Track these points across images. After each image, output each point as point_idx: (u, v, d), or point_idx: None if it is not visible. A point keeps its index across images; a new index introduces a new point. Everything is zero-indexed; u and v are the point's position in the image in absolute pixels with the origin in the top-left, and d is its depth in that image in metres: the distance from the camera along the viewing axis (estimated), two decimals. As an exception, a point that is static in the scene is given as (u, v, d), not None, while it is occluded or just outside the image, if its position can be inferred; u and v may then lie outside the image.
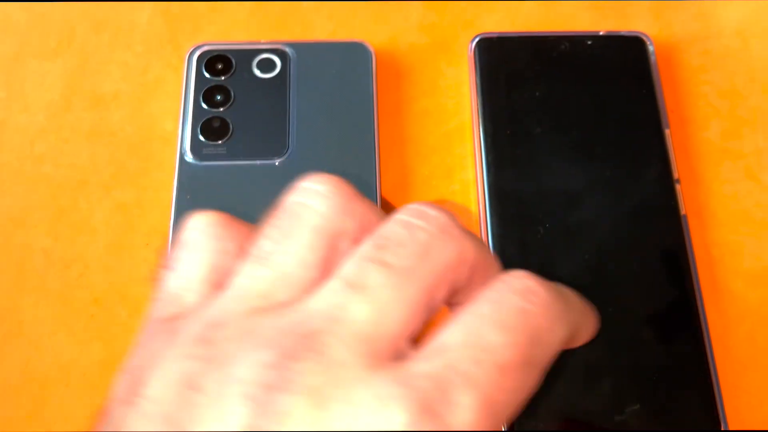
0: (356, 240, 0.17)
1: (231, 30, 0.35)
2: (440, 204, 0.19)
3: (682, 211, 0.30)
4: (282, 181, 0.31)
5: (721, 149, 0.32)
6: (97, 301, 0.30)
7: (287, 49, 0.33)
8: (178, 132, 0.31)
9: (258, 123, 0.32)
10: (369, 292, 0.16)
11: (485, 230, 0.30)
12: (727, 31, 0.35)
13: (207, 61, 0.33)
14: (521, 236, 0.30)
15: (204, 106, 0.32)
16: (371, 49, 0.33)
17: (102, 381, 0.28)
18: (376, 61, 0.33)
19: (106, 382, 0.28)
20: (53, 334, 0.29)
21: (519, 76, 0.33)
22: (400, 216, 0.17)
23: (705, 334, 0.28)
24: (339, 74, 0.33)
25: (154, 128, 0.33)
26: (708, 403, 0.27)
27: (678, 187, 0.31)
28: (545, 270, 0.29)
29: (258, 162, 0.31)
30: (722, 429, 0.27)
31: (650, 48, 0.33)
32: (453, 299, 0.18)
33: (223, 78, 0.32)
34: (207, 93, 0.32)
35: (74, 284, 0.30)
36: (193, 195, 0.30)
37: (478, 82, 0.33)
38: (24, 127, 0.33)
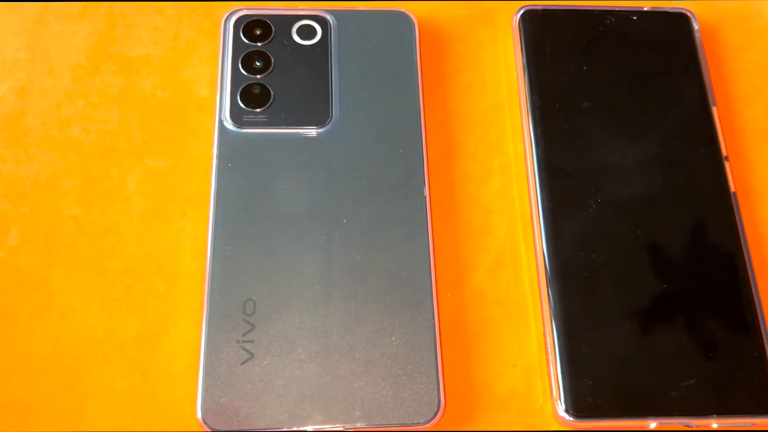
0: None
1: (265, -4, 0.34)
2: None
3: (732, 189, 0.30)
4: (325, 150, 0.30)
5: (766, 128, 0.32)
6: (132, 272, 0.28)
7: (328, 16, 0.32)
8: (216, 98, 0.30)
9: (299, 91, 0.30)
10: None
11: (536, 204, 0.29)
12: (769, 11, 0.35)
13: (245, 25, 0.31)
14: (572, 211, 0.29)
15: (243, 72, 0.31)
16: (414, 18, 0.32)
17: (139, 355, 0.27)
18: (418, 27, 0.32)
19: (143, 355, 0.27)
20: (86, 306, 0.28)
21: (565, 49, 0.32)
22: None
23: (759, 312, 0.28)
24: (381, 43, 0.32)
25: (188, 94, 0.32)
26: (764, 383, 0.27)
27: (727, 164, 0.30)
28: (595, 245, 0.28)
29: (300, 130, 0.30)
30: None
31: (695, 25, 0.33)
32: None
33: (261, 44, 0.31)
34: (246, 58, 0.31)
35: (107, 255, 0.29)
36: (234, 163, 0.29)
37: (524, 55, 0.32)
38: (49, 90, 0.31)
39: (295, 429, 0.25)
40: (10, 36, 0.32)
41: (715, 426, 0.26)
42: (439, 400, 0.26)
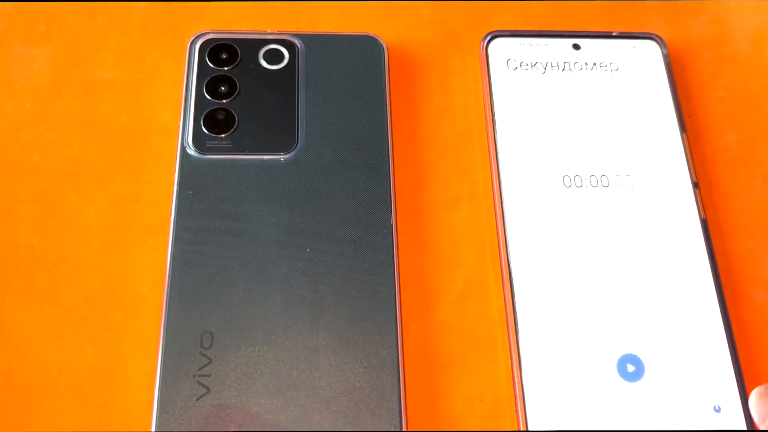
0: None
1: (233, 19, 0.33)
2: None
3: (702, 216, 0.29)
4: (289, 177, 0.29)
5: (738, 156, 0.32)
6: (89, 303, 0.27)
7: (296, 41, 0.32)
8: (179, 123, 0.30)
9: (265, 116, 0.30)
10: None
11: (503, 233, 0.28)
12: (741, 36, 0.35)
13: (210, 49, 0.31)
14: (540, 239, 0.28)
15: (207, 96, 0.30)
16: (383, 43, 0.32)
17: (93, 389, 0.26)
18: (387, 52, 0.32)
19: (97, 390, 0.26)
20: (40, 337, 0.27)
21: (533, 75, 0.32)
22: None
23: (731, 344, 0.27)
24: (350, 68, 0.31)
25: (151, 119, 0.31)
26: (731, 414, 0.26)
27: (697, 191, 0.30)
28: (565, 274, 0.28)
29: (265, 156, 0.29)
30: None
31: (664, 50, 0.33)
32: None
33: (227, 68, 0.31)
34: (210, 83, 0.30)
35: (64, 284, 0.28)
36: (195, 190, 0.28)
37: (491, 80, 0.32)
38: (9, 114, 0.31)
39: (251, 467, 0.24)
40: (-29, 58, 0.32)
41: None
42: (401, 438, 0.25)
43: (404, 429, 0.25)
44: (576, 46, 0.33)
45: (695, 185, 0.30)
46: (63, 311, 0.27)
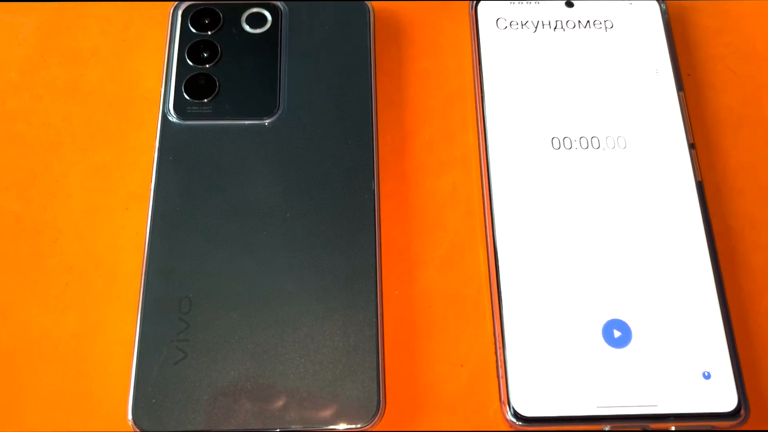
0: None
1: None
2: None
3: (698, 178, 0.28)
4: (270, 142, 0.29)
5: (740, 115, 0.31)
6: (72, 269, 0.28)
7: (279, 4, 0.31)
8: (161, 90, 0.29)
9: (246, 81, 0.29)
10: None
11: (488, 196, 0.28)
12: (746, -9, 0.33)
13: (193, 14, 0.31)
14: (528, 206, 0.28)
15: (189, 62, 0.30)
16: (370, 6, 0.31)
17: (74, 354, 0.26)
18: (375, 18, 0.31)
19: (79, 354, 0.26)
20: (24, 304, 0.27)
21: (522, 34, 0.31)
22: None
23: (724, 309, 0.26)
24: (334, 31, 0.31)
25: (135, 86, 0.31)
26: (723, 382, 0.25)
27: (693, 152, 0.29)
28: (552, 238, 0.27)
29: (246, 122, 0.29)
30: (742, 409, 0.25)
31: (662, 6, 0.31)
32: None
33: (210, 33, 0.30)
34: (192, 48, 0.30)
35: (47, 251, 0.28)
36: (177, 156, 0.28)
37: (479, 40, 0.30)
38: (-5, 83, 0.31)
39: (227, 430, 0.24)
40: (-42, 29, 0.32)
41: (673, 429, 0.25)
42: (378, 402, 0.25)
43: (382, 393, 0.25)
44: (569, 4, 0.31)
45: (692, 146, 0.29)
46: (46, 278, 0.27)
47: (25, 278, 0.27)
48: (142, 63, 0.31)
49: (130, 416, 0.24)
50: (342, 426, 0.24)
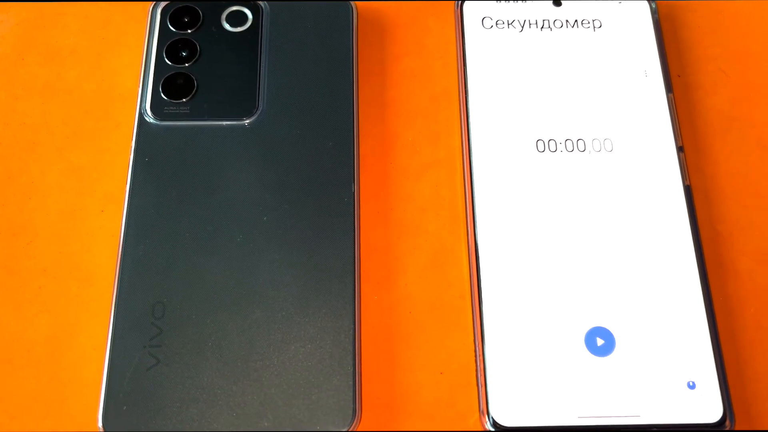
0: None
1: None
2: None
3: (686, 182, 0.28)
4: (249, 144, 0.28)
5: (730, 118, 0.30)
6: (46, 272, 0.27)
7: (261, 2, 0.30)
8: (138, 90, 0.29)
9: (225, 80, 0.29)
10: None
11: (471, 200, 0.27)
12: (739, -10, 0.32)
13: (172, 12, 0.30)
14: (511, 210, 0.27)
15: (167, 61, 0.29)
16: (353, 4, 0.30)
17: (47, 358, 0.26)
18: (358, 16, 0.30)
19: (51, 359, 0.26)
20: (-3, 306, 0.27)
21: (508, 33, 0.30)
22: None
23: (710, 317, 0.25)
24: (317, 30, 0.30)
25: (114, 86, 0.30)
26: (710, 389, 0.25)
27: (681, 155, 0.28)
28: (535, 243, 0.26)
29: (224, 122, 0.28)
30: (726, 420, 0.24)
31: (652, 5, 0.31)
32: None
33: (189, 31, 0.30)
34: (170, 47, 0.29)
35: (21, 253, 0.27)
36: (153, 157, 0.28)
37: (464, 39, 0.30)
38: (-28, 82, 0.30)
39: (199, 439, 0.24)
40: (-64, 26, 0.31)
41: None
42: (354, 408, 0.24)
43: (358, 399, 0.24)
44: (557, 2, 0.31)
45: (680, 149, 0.28)
46: (19, 280, 0.27)
47: (-2, 281, 0.27)
48: (120, 62, 0.31)
49: (99, 423, 0.24)
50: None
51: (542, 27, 0.30)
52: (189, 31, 0.30)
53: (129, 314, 0.25)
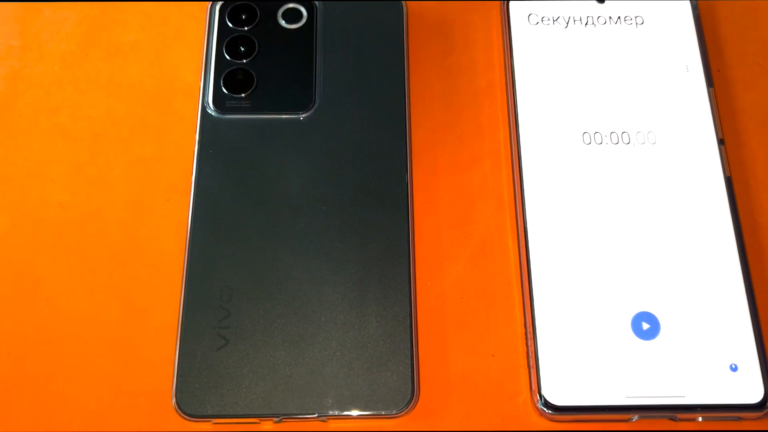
0: None
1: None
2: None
3: (727, 173, 0.29)
4: (307, 136, 0.30)
5: (769, 111, 0.31)
6: (116, 258, 0.29)
7: (314, 0, 0.31)
8: (200, 84, 0.30)
9: (283, 75, 0.30)
10: None
11: (520, 190, 0.28)
12: (778, -13, 0.33)
13: (230, 10, 0.31)
14: (559, 200, 0.28)
15: (227, 57, 0.30)
16: (404, 4, 0.31)
17: (119, 340, 0.27)
18: (407, 13, 0.31)
19: (124, 341, 0.27)
20: (70, 291, 0.28)
21: (553, 29, 0.31)
22: None
23: (751, 303, 0.27)
24: (369, 27, 0.31)
25: (174, 80, 0.32)
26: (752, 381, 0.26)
27: (722, 148, 0.29)
28: (582, 232, 0.28)
29: (283, 116, 0.30)
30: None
31: (693, 2, 0.32)
32: None
33: (246, 28, 0.31)
34: (230, 43, 0.31)
35: (92, 240, 0.29)
36: (216, 149, 0.29)
37: (511, 35, 0.31)
38: (39, 77, 0.32)
39: (267, 414, 0.25)
40: (3, 23, 0.33)
41: (700, 419, 0.26)
42: (412, 390, 0.25)
43: (416, 380, 0.26)
44: (600, 0, 0.32)
45: (721, 142, 0.29)
46: (91, 267, 0.28)
47: (71, 267, 0.28)
48: (180, 57, 0.32)
49: (174, 400, 0.25)
50: (378, 413, 0.25)
51: (586, 23, 0.31)
52: (246, 28, 0.31)
53: (198, 297, 0.27)
